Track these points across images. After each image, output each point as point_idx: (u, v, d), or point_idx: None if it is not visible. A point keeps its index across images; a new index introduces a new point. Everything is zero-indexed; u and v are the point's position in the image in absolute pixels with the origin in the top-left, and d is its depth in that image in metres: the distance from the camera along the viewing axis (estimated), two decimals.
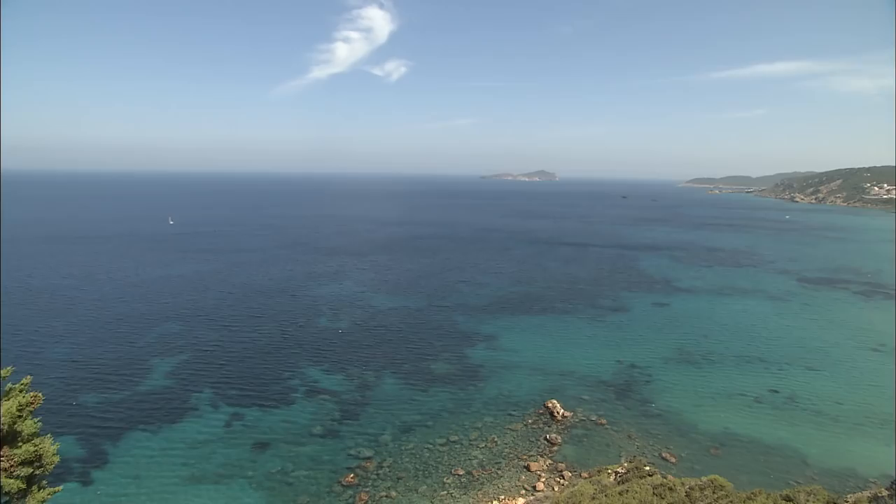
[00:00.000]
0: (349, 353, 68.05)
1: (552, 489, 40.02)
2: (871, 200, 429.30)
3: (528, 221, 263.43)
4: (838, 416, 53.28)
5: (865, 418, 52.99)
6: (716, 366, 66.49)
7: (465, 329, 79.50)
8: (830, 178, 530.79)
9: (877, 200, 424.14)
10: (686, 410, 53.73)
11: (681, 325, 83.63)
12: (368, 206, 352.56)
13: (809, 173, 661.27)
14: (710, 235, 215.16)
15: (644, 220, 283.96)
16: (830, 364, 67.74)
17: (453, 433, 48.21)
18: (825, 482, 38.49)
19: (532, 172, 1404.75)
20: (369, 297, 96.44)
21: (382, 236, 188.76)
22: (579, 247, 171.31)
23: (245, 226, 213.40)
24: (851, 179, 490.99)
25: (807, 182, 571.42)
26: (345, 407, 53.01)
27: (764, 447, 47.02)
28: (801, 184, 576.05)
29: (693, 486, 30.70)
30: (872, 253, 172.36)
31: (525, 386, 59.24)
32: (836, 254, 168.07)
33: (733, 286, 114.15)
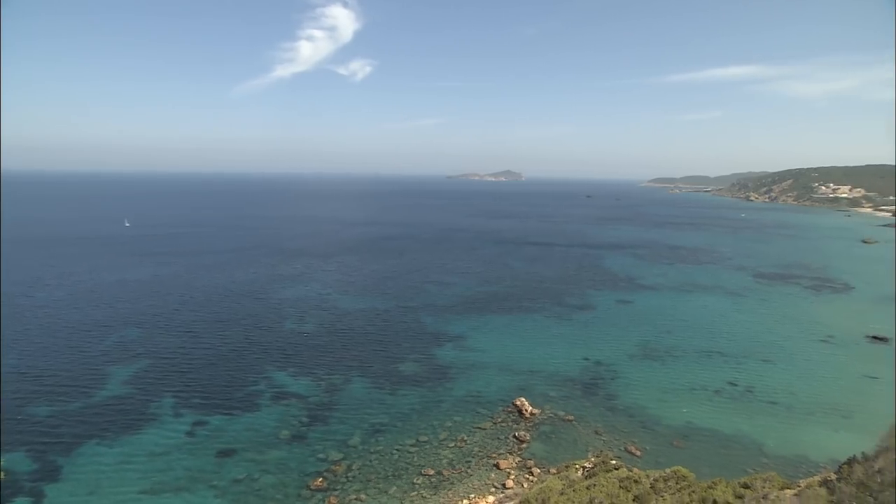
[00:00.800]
0: (316, 356, 67.05)
1: (521, 486, 40.35)
2: (818, 199, 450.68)
3: (494, 221, 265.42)
4: (791, 406, 55.57)
5: (816, 407, 55.47)
6: (678, 361, 68.39)
7: (433, 329, 79.43)
8: (782, 177, 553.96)
9: (824, 199, 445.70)
10: (650, 405, 55.05)
11: (644, 321, 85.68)
12: (334, 207, 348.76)
13: (763, 173, 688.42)
14: (671, 234, 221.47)
15: (608, 220, 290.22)
16: (784, 356, 70.60)
17: (423, 434, 48.07)
18: (780, 469, 39.99)
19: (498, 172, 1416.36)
20: (335, 299, 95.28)
21: (348, 237, 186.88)
22: (545, 246, 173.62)
23: (207, 227, 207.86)
24: (801, 179, 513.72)
25: (760, 182, 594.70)
26: (312, 411, 52.16)
27: (724, 438, 48.64)
28: (756, 183, 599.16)
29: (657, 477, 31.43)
30: (820, 249, 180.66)
31: (493, 385, 59.58)
32: (788, 250, 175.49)
33: (694, 283, 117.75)
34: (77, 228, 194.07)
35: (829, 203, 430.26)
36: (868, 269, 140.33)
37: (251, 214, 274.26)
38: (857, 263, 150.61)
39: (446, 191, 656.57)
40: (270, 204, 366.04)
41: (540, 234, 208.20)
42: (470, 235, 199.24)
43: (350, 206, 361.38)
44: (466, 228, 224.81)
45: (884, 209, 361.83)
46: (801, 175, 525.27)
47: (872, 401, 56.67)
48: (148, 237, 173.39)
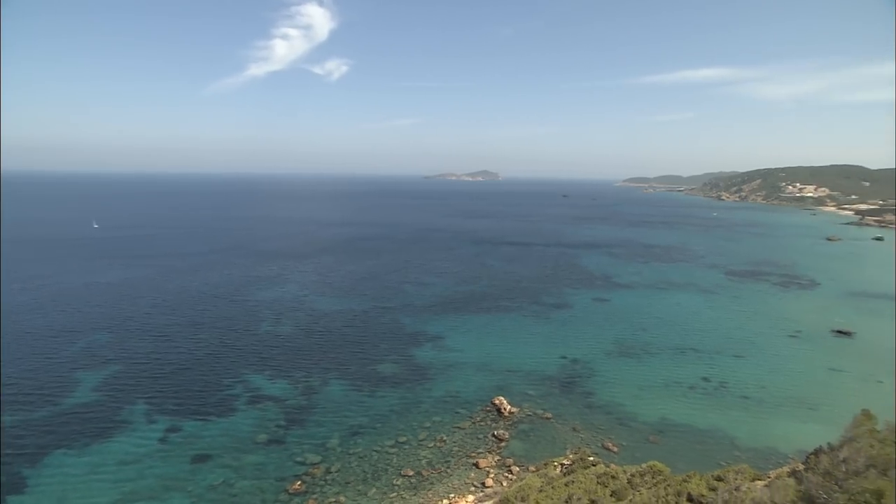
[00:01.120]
0: (293, 358, 66.28)
1: (501, 484, 40.56)
2: (786, 198, 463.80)
3: (471, 221, 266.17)
4: (762, 400, 57.07)
5: (785, 400, 57.09)
6: (653, 357, 69.60)
7: (411, 330, 79.28)
8: (751, 177, 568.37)
9: (791, 198, 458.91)
10: (626, 401, 55.90)
11: (620, 319, 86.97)
12: (310, 207, 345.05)
13: (733, 173, 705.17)
14: (646, 233, 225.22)
15: (584, 219, 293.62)
16: (755, 352, 72.46)
17: (402, 434, 47.96)
18: (751, 461, 41.02)
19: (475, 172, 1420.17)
20: (312, 301, 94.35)
21: (325, 238, 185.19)
22: (522, 246, 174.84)
23: (180, 228, 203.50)
24: (769, 179, 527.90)
25: (731, 181, 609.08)
26: (290, 413, 51.57)
27: (698, 432, 49.70)
28: (727, 183, 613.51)
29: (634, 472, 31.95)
30: (788, 247, 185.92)
31: (472, 384, 59.76)
32: (758, 248, 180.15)
33: (668, 281, 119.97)
34: (43, 230, 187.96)
35: (795, 202, 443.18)
36: (832, 266, 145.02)
37: (226, 215, 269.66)
38: (822, 260, 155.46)
39: (423, 191, 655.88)
40: (246, 205, 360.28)
41: (517, 234, 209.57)
42: (447, 235, 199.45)
43: (326, 207, 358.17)
44: (444, 228, 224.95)
45: (846, 208, 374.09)
46: (770, 175, 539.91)
47: (837, 393, 58.60)
48: (118, 239, 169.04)
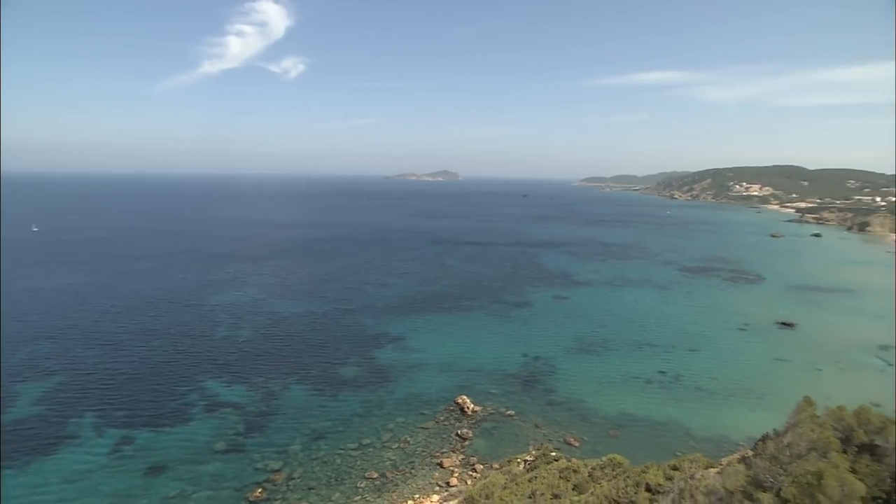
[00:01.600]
0: (251, 363, 64.71)
1: (465, 483, 40.80)
2: (734, 197, 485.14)
3: (431, 221, 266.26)
4: (714, 391, 59.50)
5: (735, 390, 59.70)
6: (612, 353, 71.44)
7: (373, 331, 78.73)
8: (702, 177, 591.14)
9: (738, 197, 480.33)
10: (587, 397, 57.18)
11: (579, 316, 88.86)
12: (267, 209, 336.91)
13: (685, 173, 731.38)
14: (603, 231, 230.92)
15: (543, 218, 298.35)
16: (707, 345, 75.43)
17: (365, 437, 47.59)
18: (704, 449, 42.68)
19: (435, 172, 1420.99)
20: (271, 304, 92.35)
21: (283, 239, 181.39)
22: (483, 245, 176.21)
23: (130, 231, 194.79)
24: (718, 178, 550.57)
25: (683, 181, 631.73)
26: (249, 419, 50.35)
27: (655, 424, 51.37)
28: (679, 182, 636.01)
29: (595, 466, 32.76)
30: (736, 244, 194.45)
31: (435, 384, 59.86)
32: (709, 245, 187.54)
33: (625, 278, 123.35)
34: None
35: (742, 200, 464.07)
36: (776, 261, 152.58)
37: (179, 217, 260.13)
38: (766, 256, 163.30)
39: (383, 191, 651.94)
40: (200, 206, 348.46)
41: (477, 234, 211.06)
42: (408, 236, 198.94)
43: (284, 208, 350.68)
44: (404, 229, 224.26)
45: (788, 206, 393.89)
46: (719, 175, 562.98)
47: (782, 382, 61.66)
48: (62, 242, 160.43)
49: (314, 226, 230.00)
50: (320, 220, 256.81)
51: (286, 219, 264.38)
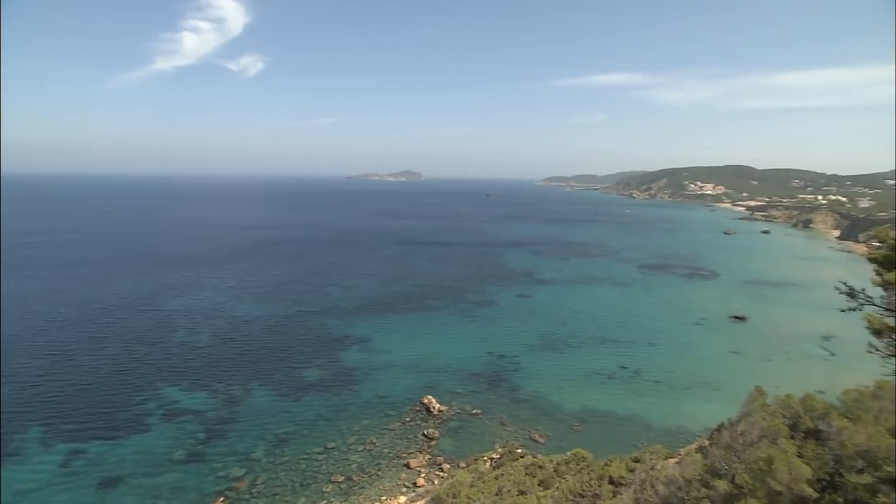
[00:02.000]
0: (211, 368, 62.93)
1: (432, 483, 40.85)
2: (689, 196, 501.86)
3: (395, 221, 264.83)
4: (672, 384, 61.46)
5: (692, 383, 61.86)
6: (575, 349, 72.83)
7: (337, 333, 77.83)
8: (659, 176, 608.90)
9: (693, 196, 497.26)
10: (551, 393, 58.11)
11: (543, 314, 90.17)
12: (226, 210, 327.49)
13: (643, 172, 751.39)
14: (566, 230, 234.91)
15: (507, 218, 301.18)
16: (666, 339, 77.83)
17: (330, 440, 47.04)
18: (664, 441, 44.07)
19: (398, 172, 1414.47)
20: (231, 307, 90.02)
21: (243, 241, 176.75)
22: (446, 245, 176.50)
23: (78, 233, 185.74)
24: (674, 178, 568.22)
25: (641, 180, 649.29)
26: (210, 426, 48.97)
27: (617, 418, 52.71)
28: (637, 182, 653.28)
29: (560, 461, 33.36)
30: (692, 241, 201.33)
31: (401, 385, 59.66)
32: (666, 243, 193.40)
33: (587, 275, 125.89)
34: None
35: (697, 199, 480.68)
36: (729, 258, 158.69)
37: (133, 219, 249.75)
38: (720, 252, 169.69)
39: (346, 191, 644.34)
40: (155, 207, 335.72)
41: (441, 234, 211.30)
42: (371, 236, 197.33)
43: (244, 209, 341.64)
44: (367, 229, 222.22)
45: (739, 204, 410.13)
46: (675, 174, 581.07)
47: (736, 373, 64.19)
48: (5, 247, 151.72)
49: (275, 227, 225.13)
50: (282, 222, 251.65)
51: (246, 220, 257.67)
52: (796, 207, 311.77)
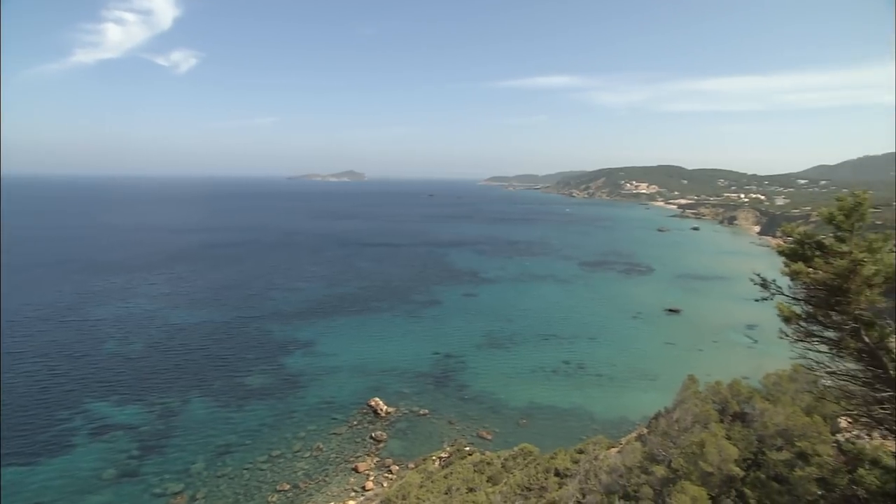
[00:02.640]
0: (145, 379, 59.63)
1: (382, 486, 40.54)
2: (625, 194, 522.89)
3: (338, 222, 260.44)
4: (613, 376, 63.85)
5: (631, 374, 64.52)
6: (519, 346, 74.24)
7: (280, 338, 75.75)
8: (597, 176, 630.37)
9: (629, 194, 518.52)
10: (497, 390, 58.99)
11: (488, 312, 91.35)
12: (157, 212, 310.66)
13: (582, 172, 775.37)
14: (509, 229, 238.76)
15: (451, 217, 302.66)
16: (606, 333, 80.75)
17: (275, 448, 45.72)
18: (606, 431, 45.75)
19: (340, 173, 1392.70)
20: (166, 315, 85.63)
21: (176, 246, 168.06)
22: (391, 246, 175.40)
23: None
24: (611, 177, 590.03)
25: (580, 180, 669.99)
26: (144, 441, 46.41)
27: (561, 411, 54.21)
28: (577, 181, 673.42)
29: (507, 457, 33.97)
30: (628, 238, 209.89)
31: (347, 388, 58.83)
32: (605, 240, 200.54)
33: (530, 274, 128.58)
34: None
35: (632, 198, 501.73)
36: (663, 254, 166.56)
37: (52, 223, 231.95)
38: (655, 249, 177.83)
39: (287, 192, 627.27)
40: (78, 211, 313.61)
41: (385, 234, 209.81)
42: (314, 238, 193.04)
43: (178, 211, 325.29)
44: (309, 231, 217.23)
45: (672, 202, 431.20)
46: (612, 174, 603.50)
47: (671, 363, 67.46)
48: None
49: (213, 230, 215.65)
50: (220, 224, 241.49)
51: (181, 223, 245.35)
52: (722, 205, 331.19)
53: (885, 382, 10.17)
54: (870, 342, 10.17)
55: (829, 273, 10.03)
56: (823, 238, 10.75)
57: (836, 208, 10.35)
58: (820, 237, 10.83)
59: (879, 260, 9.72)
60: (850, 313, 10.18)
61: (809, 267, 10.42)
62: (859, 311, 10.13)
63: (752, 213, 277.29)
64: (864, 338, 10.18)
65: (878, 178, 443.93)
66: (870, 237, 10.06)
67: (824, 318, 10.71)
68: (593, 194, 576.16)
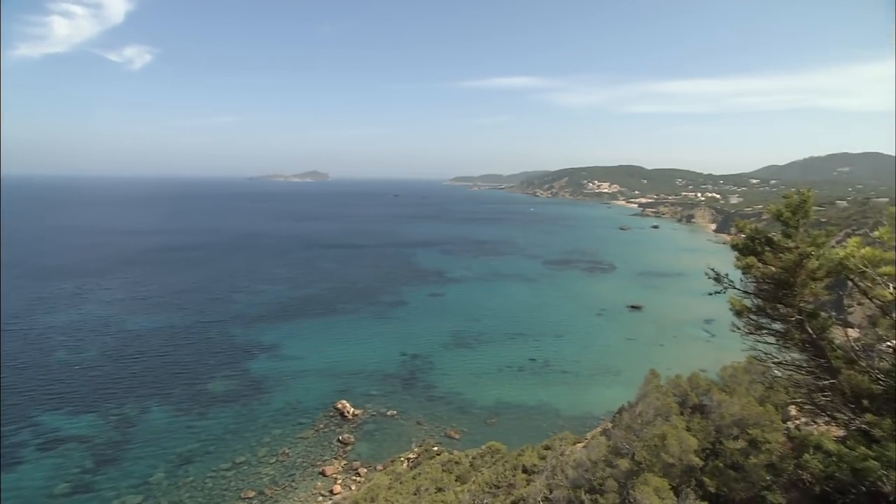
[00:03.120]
0: (100, 388, 57.30)
1: (350, 489, 40.17)
2: (588, 194, 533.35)
3: (302, 224, 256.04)
4: (578, 373, 65.06)
5: (596, 370, 65.87)
6: (486, 345, 74.78)
7: (243, 342, 74.07)
8: (560, 176, 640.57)
9: (591, 194, 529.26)
10: (465, 389, 59.28)
11: (455, 312, 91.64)
12: (111, 214, 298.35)
13: (546, 172, 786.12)
14: (474, 229, 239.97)
15: (416, 218, 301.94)
16: (570, 330, 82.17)
17: (239, 454, 44.72)
18: (573, 427, 46.54)
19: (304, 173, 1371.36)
20: (122, 321, 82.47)
21: (133, 248, 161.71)
22: (356, 247, 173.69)
23: None
24: (574, 177, 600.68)
25: (544, 179, 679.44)
26: (99, 452, 44.63)
27: (528, 409, 54.88)
28: (540, 181, 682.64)
29: (475, 455, 34.15)
30: (591, 237, 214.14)
31: (313, 391, 58.04)
32: (569, 239, 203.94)
33: (497, 273, 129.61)
34: None
35: (595, 197, 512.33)
36: (625, 251, 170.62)
37: None
38: (617, 247, 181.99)
39: (248, 193, 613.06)
40: (23, 213, 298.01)
41: (350, 235, 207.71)
42: (277, 240, 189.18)
43: (134, 213, 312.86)
44: (273, 233, 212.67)
45: (632, 201, 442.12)
46: (574, 173, 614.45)
47: (634, 358, 69.14)
48: None
49: (171, 232, 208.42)
50: (178, 226, 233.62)
51: (136, 225, 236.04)
52: (680, 204, 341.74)
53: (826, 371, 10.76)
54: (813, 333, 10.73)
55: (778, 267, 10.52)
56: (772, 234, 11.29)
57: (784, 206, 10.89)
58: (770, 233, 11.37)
59: (822, 254, 10.28)
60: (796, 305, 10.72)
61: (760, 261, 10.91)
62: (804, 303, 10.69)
63: (709, 212, 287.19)
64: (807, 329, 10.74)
65: (823, 177, 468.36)
66: (814, 233, 10.63)
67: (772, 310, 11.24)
68: (557, 194, 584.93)
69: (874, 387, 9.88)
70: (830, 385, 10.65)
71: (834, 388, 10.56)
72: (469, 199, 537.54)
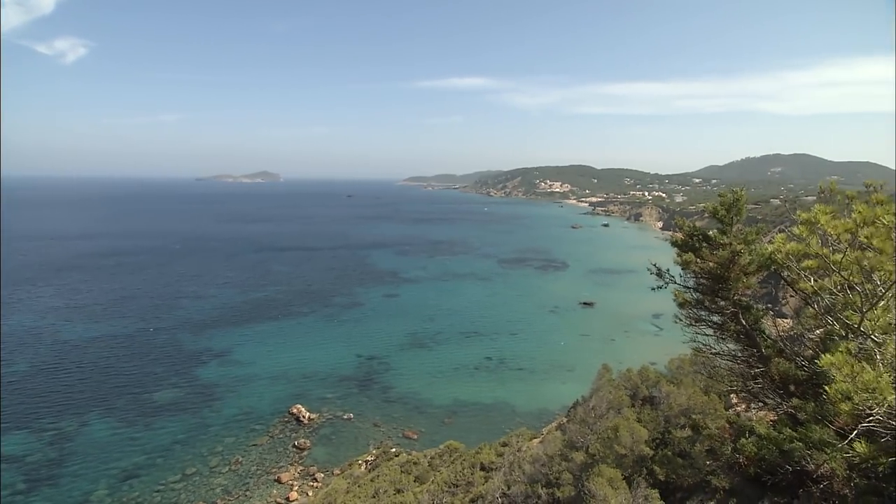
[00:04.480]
0: (31, 404, 53.71)
1: (307, 495, 39.51)
2: (540, 193, 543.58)
3: (252, 226, 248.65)
4: (533, 369, 66.25)
5: (550, 367, 67.24)
6: (442, 345, 75.04)
7: (192, 348, 71.43)
8: (513, 175, 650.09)
9: (544, 193, 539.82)
10: (421, 389, 59.31)
11: (410, 312, 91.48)
12: (45, 217, 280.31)
13: (499, 172, 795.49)
14: (429, 229, 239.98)
15: (370, 218, 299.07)
16: (525, 328, 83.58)
17: (189, 465, 43.12)
18: (529, 423, 47.41)
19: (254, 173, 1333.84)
20: (57, 330, 77.75)
21: (68, 253, 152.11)
22: (309, 249, 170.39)
23: None
24: (527, 177, 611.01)
25: (497, 179, 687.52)
26: (33, 472, 41.95)
27: (485, 407, 55.45)
28: (494, 180, 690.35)
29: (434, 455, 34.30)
30: (544, 235, 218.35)
31: (267, 396, 56.67)
32: (522, 238, 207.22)
33: (451, 272, 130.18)
34: None
35: (547, 196, 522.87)
36: (577, 249, 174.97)
37: None
38: (569, 245, 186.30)
39: (196, 194, 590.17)
40: None
41: (303, 237, 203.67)
42: (226, 243, 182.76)
43: (70, 216, 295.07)
44: (221, 235, 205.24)
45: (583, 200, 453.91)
46: (527, 173, 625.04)
47: (587, 353, 71.05)
48: None
49: (111, 236, 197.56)
50: (119, 230, 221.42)
51: (72, 229, 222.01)
52: (629, 203, 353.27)
53: (759, 360, 11.50)
54: (746, 324, 11.44)
55: (714, 262, 11.14)
56: (710, 231, 11.93)
57: (719, 204, 11.54)
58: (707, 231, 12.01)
59: (754, 250, 10.96)
60: (731, 299, 11.39)
61: (698, 257, 11.51)
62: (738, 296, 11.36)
63: (656, 210, 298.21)
64: (741, 321, 11.44)
65: (758, 177, 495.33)
66: (746, 230, 11.32)
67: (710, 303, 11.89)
68: (510, 193, 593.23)
69: (799, 373, 10.63)
70: (762, 373, 11.37)
71: (765, 375, 11.28)
72: (423, 199, 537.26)
